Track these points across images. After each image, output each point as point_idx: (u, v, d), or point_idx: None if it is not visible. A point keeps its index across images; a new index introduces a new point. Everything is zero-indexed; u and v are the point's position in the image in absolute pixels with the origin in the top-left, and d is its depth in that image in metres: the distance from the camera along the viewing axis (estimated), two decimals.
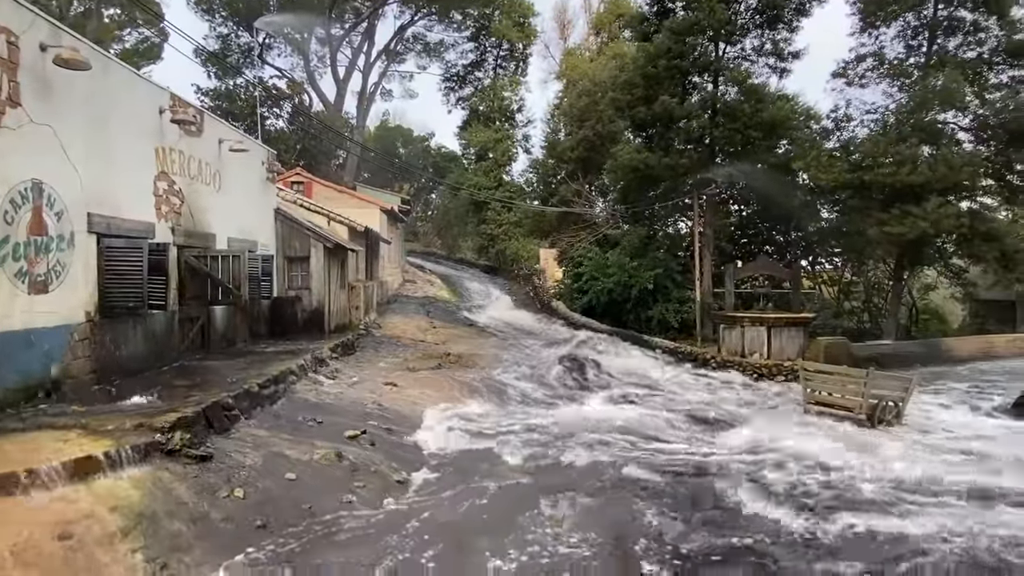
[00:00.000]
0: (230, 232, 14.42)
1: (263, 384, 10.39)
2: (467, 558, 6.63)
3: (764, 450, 10.71)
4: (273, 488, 7.64)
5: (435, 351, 18.37)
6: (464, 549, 6.79)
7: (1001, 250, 18.06)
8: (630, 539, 7.21)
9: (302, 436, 9.30)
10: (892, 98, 20.14)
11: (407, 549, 6.74)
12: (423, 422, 11.30)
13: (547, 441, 10.82)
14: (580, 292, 26.41)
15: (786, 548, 7.00)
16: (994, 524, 7.47)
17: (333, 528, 7.11)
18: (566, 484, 8.71)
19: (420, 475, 8.98)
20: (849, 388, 13.00)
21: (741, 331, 18.83)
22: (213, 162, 13.68)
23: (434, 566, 6.42)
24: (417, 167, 53.11)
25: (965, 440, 11.47)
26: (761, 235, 29.33)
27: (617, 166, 22.69)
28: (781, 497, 8.49)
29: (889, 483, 8.98)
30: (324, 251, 17.34)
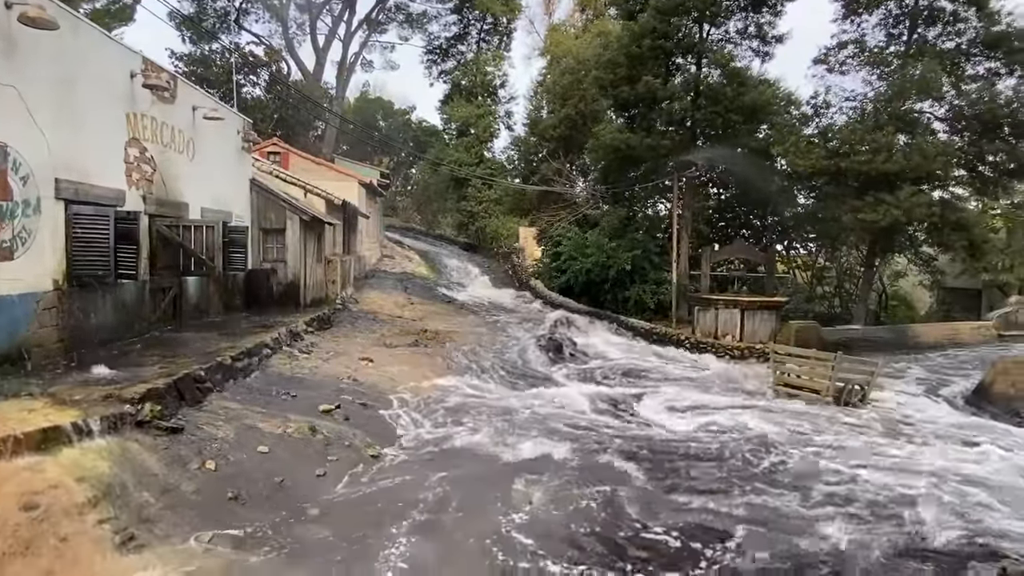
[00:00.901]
0: (204, 202, 14.14)
1: (236, 357, 10.30)
2: (436, 533, 6.70)
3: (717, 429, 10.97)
4: (245, 461, 7.63)
5: (412, 327, 18.33)
6: (434, 526, 6.85)
7: (969, 239, 18.45)
8: (605, 519, 7.34)
9: (276, 410, 9.27)
10: (871, 86, 20.35)
11: (378, 524, 6.79)
12: (399, 397, 11.30)
13: (520, 420, 10.90)
14: (559, 272, 26.47)
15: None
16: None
17: (306, 502, 7.13)
18: (538, 464, 8.78)
19: (394, 450, 9.02)
20: (817, 371, 13.30)
21: (715, 313, 19.09)
22: (186, 130, 13.35)
23: (404, 540, 6.48)
24: (397, 141, 52.42)
25: (902, 422, 11.82)
26: (739, 219, 29.59)
27: (599, 146, 22.63)
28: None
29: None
30: (300, 224, 17.10)
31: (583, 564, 6.17)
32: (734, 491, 8.05)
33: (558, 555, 6.33)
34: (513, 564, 6.12)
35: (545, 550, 6.41)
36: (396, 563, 6.03)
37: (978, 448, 10.26)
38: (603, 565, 6.20)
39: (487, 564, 6.12)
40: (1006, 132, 18.75)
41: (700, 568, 6.25)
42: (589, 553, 6.46)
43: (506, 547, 6.44)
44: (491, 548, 6.37)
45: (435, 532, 6.66)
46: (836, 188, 19.58)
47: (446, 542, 6.45)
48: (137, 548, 5.74)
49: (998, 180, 19.72)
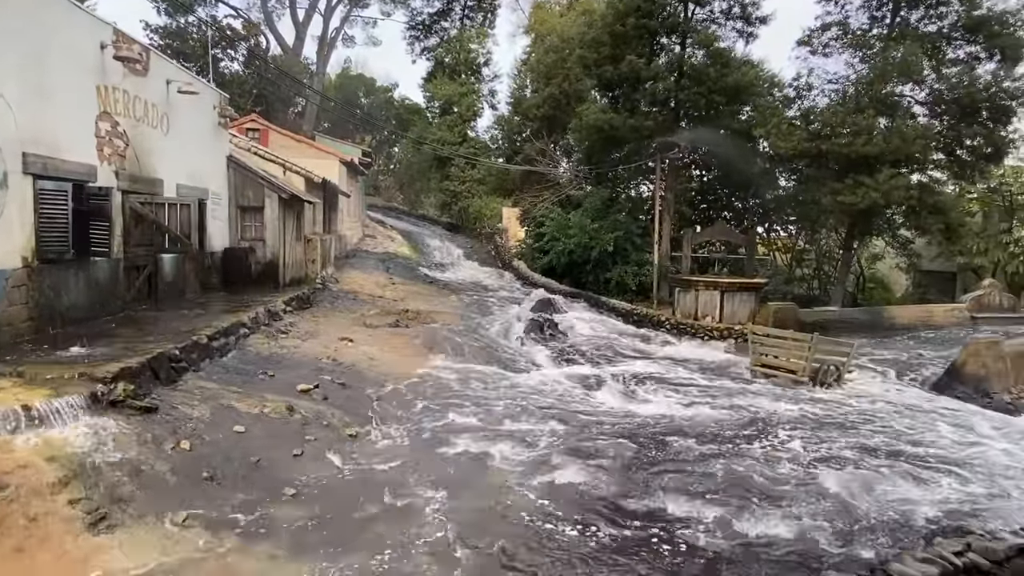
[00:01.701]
0: (179, 178, 13.88)
1: (213, 336, 10.19)
2: (411, 514, 6.72)
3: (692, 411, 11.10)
4: (221, 441, 7.57)
5: (393, 307, 18.23)
6: (410, 507, 6.86)
7: (946, 223, 18.69)
8: (585, 501, 7.41)
9: (253, 389, 9.20)
10: (854, 69, 20.39)
11: (355, 504, 6.79)
12: (378, 378, 11.25)
13: (497, 401, 10.91)
14: (541, 252, 26.46)
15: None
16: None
17: (282, 482, 7.10)
18: (515, 445, 8.81)
19: (373, 430, 8.99)
20: (794, 352, 13.47)
21: (695, 295, 19.22)
22: (160, 104, 13.04)
23: (383, 519, 6.49)
24: (379, 118, 51.72)
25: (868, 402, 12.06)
26: (721, 201, 29.72)
27: (582, 126, 22.51)
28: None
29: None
30: (279, 202, 16.86)
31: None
32: (699, 469, 8.16)
33: (529, 540, 6.38)
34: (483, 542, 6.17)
35: (520, 533, 6.46)
36: (371, 543, 6.04)
37: (946, 427, 10.49)
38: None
39: (458, 544, 6.15)
40: (984, 116, 18.94)
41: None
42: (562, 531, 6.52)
43: (478, 526, 6.48)
44: (462, 530, 6.40)
45: (410, 513, 6.67)
46: (817, 171, 19.70)
47: (420, 523, 6.46)
48: (109, 528, 5.68)
49: (975, 164, 19.93)
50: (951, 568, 4.16)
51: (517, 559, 5.90)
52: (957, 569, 4.19)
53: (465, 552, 5.95)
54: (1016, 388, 13.94)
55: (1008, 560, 4.38)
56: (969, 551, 4.40)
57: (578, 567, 5.83)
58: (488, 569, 5.77)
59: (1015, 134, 19.20)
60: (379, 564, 5.71)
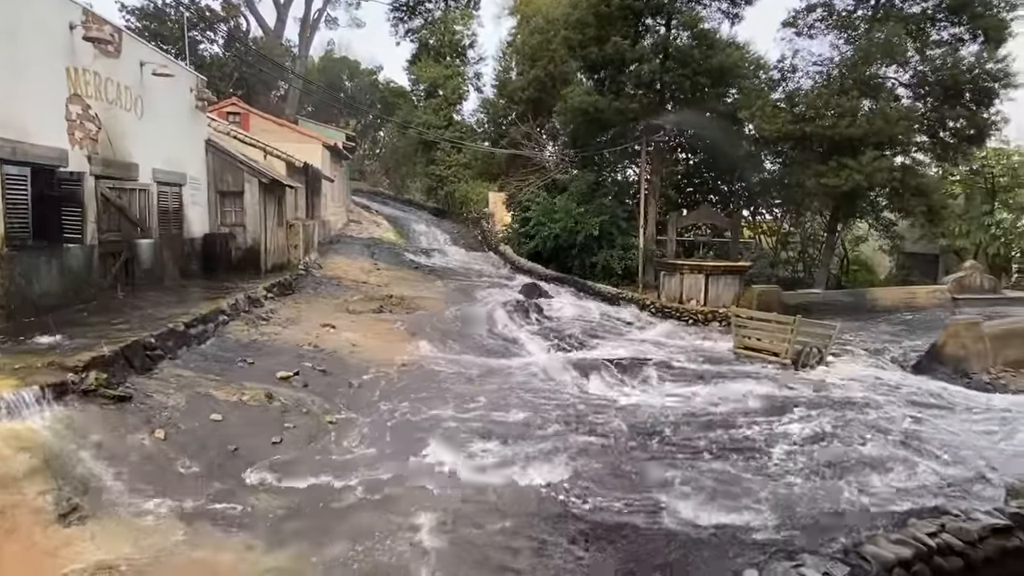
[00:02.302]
0: (155, 163, 13.59)
1: (190, 323, 10.03)
2: (391, 502, 6.66)
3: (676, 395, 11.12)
4: (197, 429, 7.47)
5: (377, 293, 18.10)
6: (388, 496, 6.80)
7: (928, 205, 18.77)
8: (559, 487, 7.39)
9: (231, 377, 9.08)
10: (838, 50, 20.30)
11: (333, 493, 6.72)
12: (360, 364, 11.16)
13: (481, 387, 10.84)
14: (527, 237, 26.35)
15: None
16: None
17: (260, 469, 7.02)
18: (497, 431, 8.73)
19: (353, 417, 8.90)
20: (777, 335, 13.51)
21: (680, 278, 19.22)
22: (134, 87, 12.73)
23: (363, 509, 6.43)
24: (364, 102, 51.06)
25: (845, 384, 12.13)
26: (707, 184, 29.69)
27: (567, 108, 22.31)
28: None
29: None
30: (259, 186, 16.60)
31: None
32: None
33: (509, 530, 6.35)
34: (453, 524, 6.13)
35: (502, 526, 6.43)
36: (350, 533, 5.98)
37: (924, 407, 10.59)
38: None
39: (436, 534, 6.11)
40: (967, 98, 18.97)
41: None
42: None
43: (455, 513, 6.45)
44: (441, 517, 6.36)
45: (388, 503, 6.61)
46: (801, 153, 19.68)
47: (398, 512, 6.41)
48: (80, 519, 5.59)
49: (958, 146, 20.00)
50: (924, 549, 4.17)
51: (493, 549, 5.88)
52: (931, 550, 4.20)
53: (441, 542, 5.91)
54: (995, 368, 14.11)
55: (981, 540, 4.40)
56: (943, 532, 4.42)
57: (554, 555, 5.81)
58: (463, 556, 5.74)
59: (997, 116, 19.28)
60: (358, 554, 5.66)
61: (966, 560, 4.31)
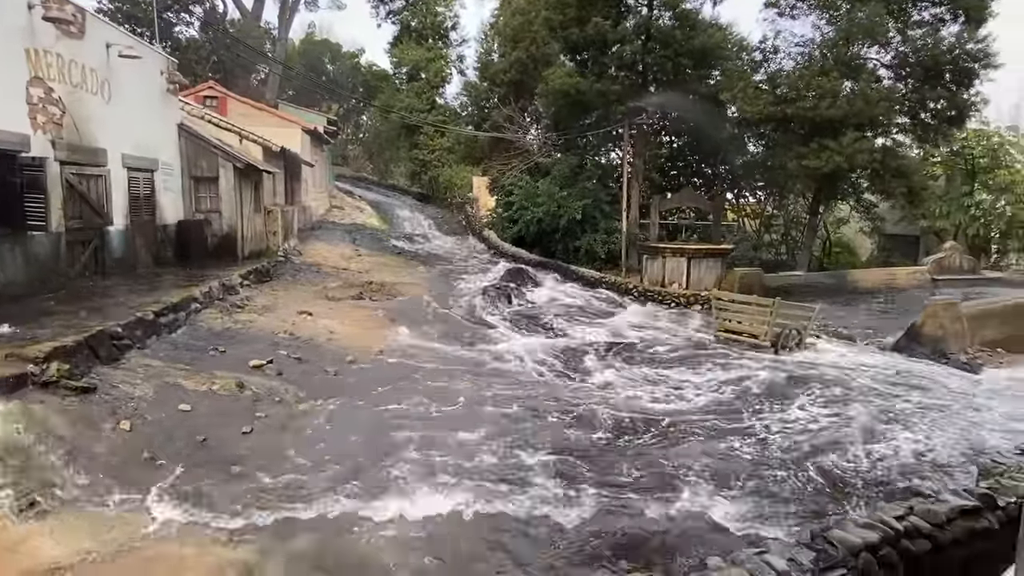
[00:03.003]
0: (125, 148, 13.26)
1: (160, 311, 9.82)
2: (361, 493, 6.56)
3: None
4: (165, 420, 7.31)
5: (358, 279, 17.89)
6: (357, 483, 6.71)
7: (908, 186, 18.81)
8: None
9: (202, 366, 8.91)
10: (820, 31, 20.17)
11: (303, 483, 6.60)
12: (337, 352, 11.00)
13: (458, 375, 10.73)
14: (511, 222, 26.15)
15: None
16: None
17: (229, 459, 6.89)
18: (470, 421, 8.60)
19: (328, 406, 8.75)
20: (757, 317, 13.51)
21: (663, 261, 19.17)
22: (100, 69, 12.36)
23: (330, 500, 6.33)
24: (345, 86, 50.33)
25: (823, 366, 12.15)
26: (691, 167, 29.58)
27: (548, 90, 22.03)
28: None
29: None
30: (234, 171, 16.28)
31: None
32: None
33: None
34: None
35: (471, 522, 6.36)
36: (319, 525, 5.89)
37: (901, 387, 10.63)
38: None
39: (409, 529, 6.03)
40: (947, 79, 18.95)
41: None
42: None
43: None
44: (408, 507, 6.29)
45: (358, 491, 6.52)
46: (783, 135, 19.60)
47: (365, 499, 6.32)
48: (40, 514, 5.45)
49: (938, 127, 20.01)
50: (892, 533, 4.14)
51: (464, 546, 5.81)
52: (898, 533, 4.17)
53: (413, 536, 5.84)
54: (972, 348, 14.24)
55: (950, 522, 4.38)
56: (911, 515, 4.39)
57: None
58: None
59: (977, 97, 19.29)
60: (326, 545, 5.56)
61: (934, 542, 4.29)
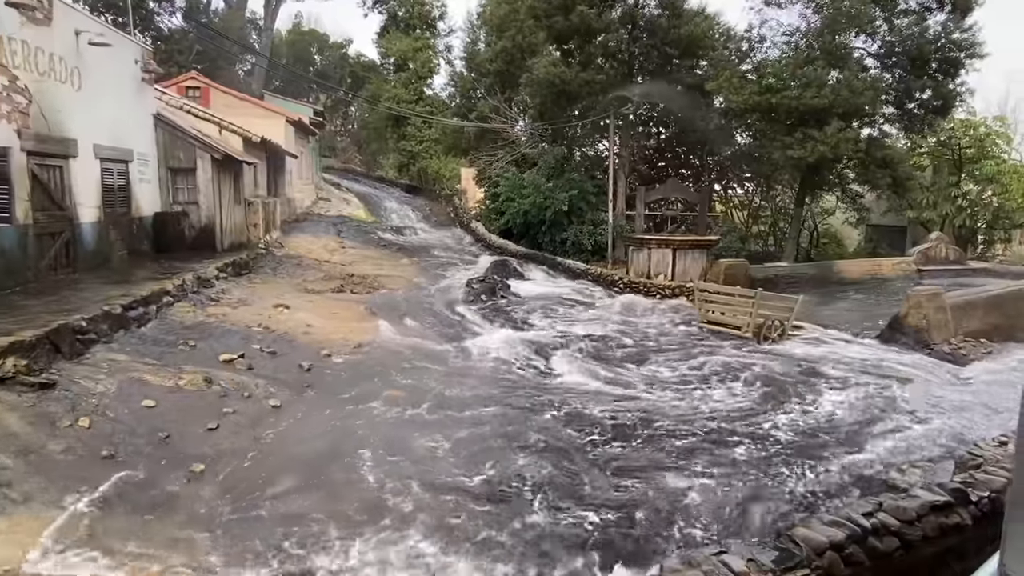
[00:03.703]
0: (97, 138, 12.97)
1: (129, 305, 9.60)
2: (324, 490, 6.41)
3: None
4: (127, 417, 7.11)
5: (339, 272, 17.69)
6: (323, 485, 6.54)
7: (893, 176, 18.71)
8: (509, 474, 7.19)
9: (170, 361, 8.70)
10: (806, 19, 19.98)
11: (268, 480, 6.44)
12: (313, 346, 10.78)
13: (435, 369, 10.55)
14: (497, 213, 25.97)
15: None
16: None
17: (192, 457, 6.71)
18: (440, 420, 8.38)
19: (299, 401, 8.59)
20: (740, 308, 13.40)
21: (648, 253, 19.03)
22: (69, 57, 12.04)
23: (294, 496, 6.17)
24: (333, 77, 49.78)
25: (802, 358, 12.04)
26: (680, 158, 29.46)
27: (532, 80, 21.79)
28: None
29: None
30: (212, 162, 15.99)
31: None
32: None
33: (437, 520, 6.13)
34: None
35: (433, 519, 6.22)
36: (281, 520, 5.73)
37: (881, 377, 10.56)
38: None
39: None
40: (933, 68, 18.84)
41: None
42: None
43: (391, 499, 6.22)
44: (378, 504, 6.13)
45: (322, 489, 6.35)
46: (769, 125, 19.45)
47: (331, 500, 6.16)
48: None
49: (924, 117, 19.92)
50: (859, 531, 4.02)
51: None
52: (865, 531, 4.04)
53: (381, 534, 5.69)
54: (956, 339, 14.18)
55: (920, 519, 4.26)
56: (880, 511, 4.27)
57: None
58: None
59: (962, 87, 19.19)
60: (285, 542, 5.40)
61: (902, 539, 4.16)
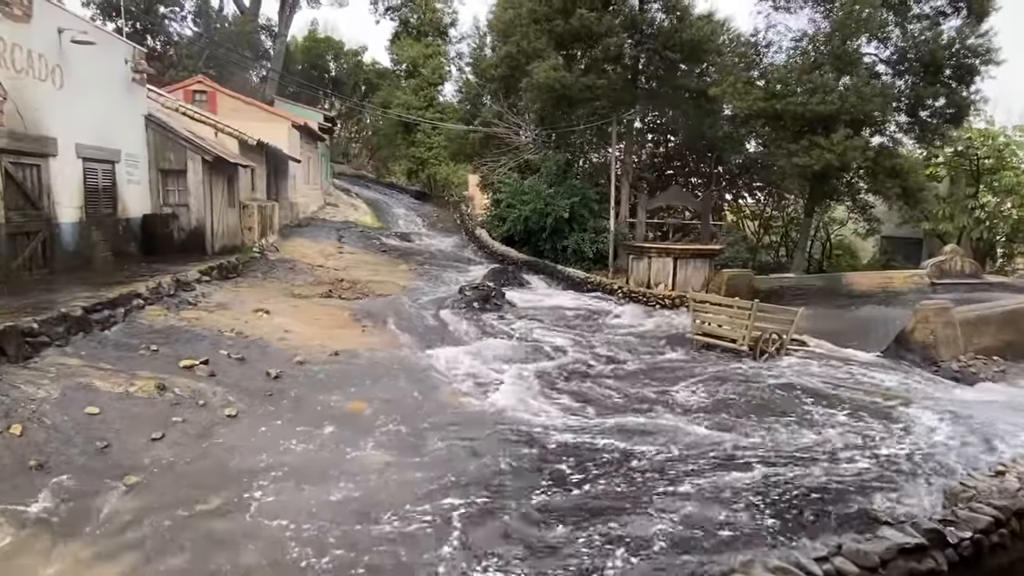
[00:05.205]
0: (80, 138, 12.80)
1: (93, 307, 9.32)
2: (254, 508, 6.01)
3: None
4: (66, 424, 6.77)
5: (331, 277, 17.41)
6: (253, 501, 6.14)
7: (904, 186, 18.02)
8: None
9: (126, 366, 8.38)
10: (816, 24, 19.39)
11: (206, 494, 6.04)
12: (286, 353, 10.39)
13: (408, 381, 10.07)
14: (500, 220, 25.62)
15: None
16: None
17: (128, 468, 6.34)
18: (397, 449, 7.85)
19: (258, 410, 8.20)
20: (736, 320, 12.83)
21: (648, 262, 18.51)
22: (50, 54, 11.88)
23: (221, 515, 5.78)
24: (347, 83, 49.91)
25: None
26: (688, 166, 28.91)
27: (533, 85, 21.41)
28: None
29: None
30: (203, 164, 15.79)
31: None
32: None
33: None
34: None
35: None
36: (202, 540, 5.33)
37: (881, 399, 9.96)
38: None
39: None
40: (946, 75, 18.15)
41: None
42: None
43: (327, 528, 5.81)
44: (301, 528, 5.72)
45: (240, 512, 5.95)
46: (775, 132, 18.87)
47: (257, 517, 5.75)
48: None
49: (937, 126, 19.19)
50: None
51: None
52: None
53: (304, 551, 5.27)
54: (966, 356, 13.47)
55: (885, 564, 3.71)
56: (838, 555, 3.73)
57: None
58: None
59: (976, 95, 18.47)
60: (200, 565, 5.01)
61: None
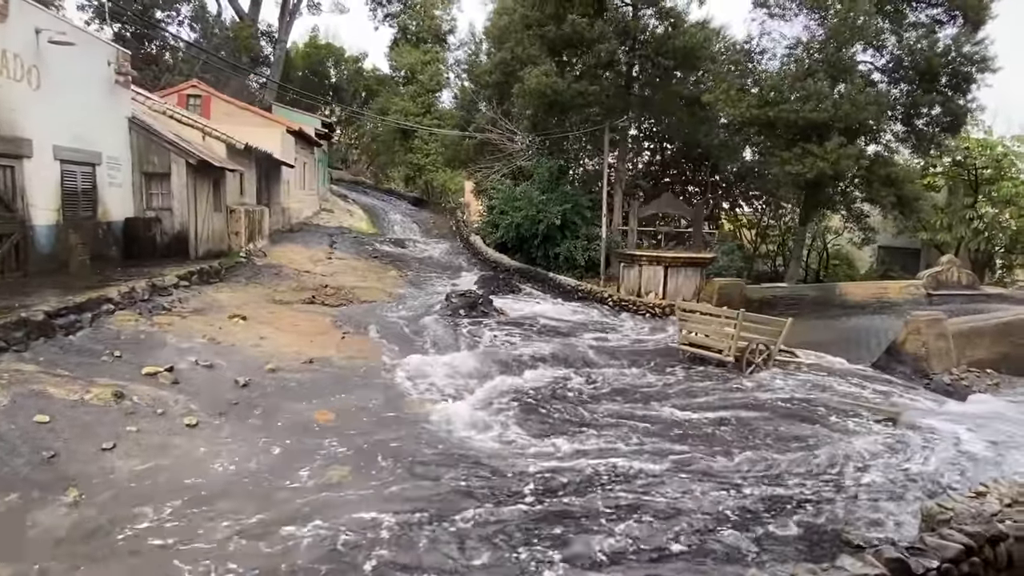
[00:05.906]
0: (58, 140, 12.63)
1: (56, 312, 9.09)
2: (194, 526, 5.75)
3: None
4: (11, 433, 6.52)
5: (316, 283, 17.16)
6: (196, 518, 5.90)
7: (898, 195, 17.76)
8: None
9: (84, 372, 8.14)
10: (810, 32, 19.18)
11: (142, 510, 5.79)
12: (256, 361, 10.13)
13: (381, 397, 9.85)
14: (493, 226, 25.40)
15: None
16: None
17: (71, 480, 6.10)
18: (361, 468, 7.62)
19: (219, 420, 7.95)
20: (723, 331, 12.55)
21: (639, 270, 18.26)
22: (26, 55, 11.72)
23: (156, 534, 5.52)
24: (347, 90, 49.91)
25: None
26: (684, 174, 28.71)
27: (524, 91, 21.24)
28: None
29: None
30: (187, 168, 15.60)
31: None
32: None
33: None
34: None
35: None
36: (132, 562, 5.08)
37: (869, 415, 9.68)
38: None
39: None
40: (942, 83, 17.92)
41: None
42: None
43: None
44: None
45: (190, 526, 5.69)
46: (768, 139, 18.64)
47: (190, 539, 5.49)
48: None
49: (933, 136, 18.95)
50: None
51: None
52: None
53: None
54: (958, 369, 13.18)
55: None
56: None
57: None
58: None
59: (972, 104, 18.25)
60: None
61: None
